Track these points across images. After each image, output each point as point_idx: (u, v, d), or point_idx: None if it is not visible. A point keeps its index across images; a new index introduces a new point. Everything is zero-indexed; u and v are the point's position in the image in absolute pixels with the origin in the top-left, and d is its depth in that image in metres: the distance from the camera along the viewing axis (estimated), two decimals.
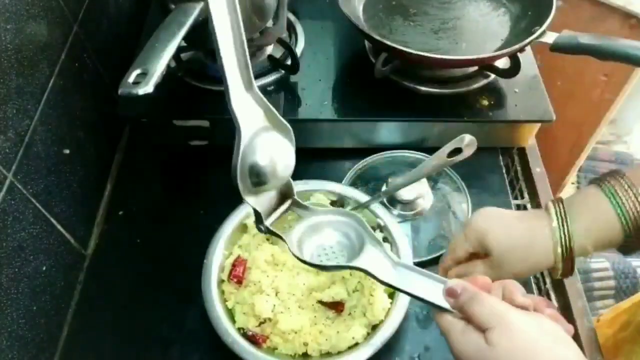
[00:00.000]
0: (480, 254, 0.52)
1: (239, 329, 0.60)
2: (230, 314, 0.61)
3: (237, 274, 0.63)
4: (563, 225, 0.47)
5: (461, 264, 0.54)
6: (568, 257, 0.47)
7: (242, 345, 0.57)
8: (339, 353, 0.58)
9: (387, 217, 0.67)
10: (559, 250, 0.47)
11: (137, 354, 0.65)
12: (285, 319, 0.58)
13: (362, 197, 0.69)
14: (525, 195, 0.82)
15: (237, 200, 0.77)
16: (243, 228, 0.68)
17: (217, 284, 0.63)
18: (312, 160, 0.81)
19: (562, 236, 0.47)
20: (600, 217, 0.46)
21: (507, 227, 0.50)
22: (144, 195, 0.80)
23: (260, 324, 0.60)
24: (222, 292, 0.63)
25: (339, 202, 0.71)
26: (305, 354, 0.60)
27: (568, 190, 1.92)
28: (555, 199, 0.50)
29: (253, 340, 0.59)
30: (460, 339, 0.39)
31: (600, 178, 0.48)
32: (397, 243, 0.64)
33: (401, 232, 0.66)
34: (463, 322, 0.39)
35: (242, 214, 0.68)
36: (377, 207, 0.68)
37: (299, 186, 0.65)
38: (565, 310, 0.71)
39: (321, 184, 0.71)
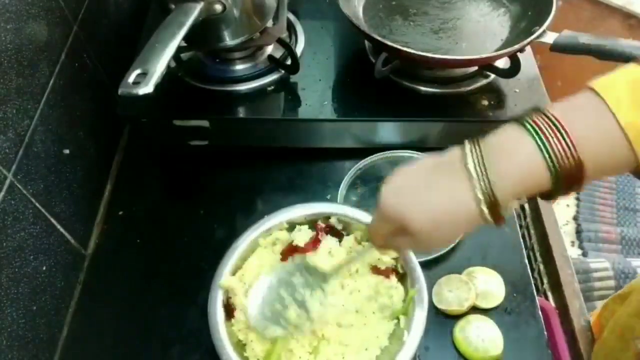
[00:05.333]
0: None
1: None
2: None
3: None
4: (483, 182, 0.41)
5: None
6: (494, 212, 0.42)
7: None
8: None
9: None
10: (485, 209, 0.42)
11: (137, 354, 0.65)
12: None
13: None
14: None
15: (236, 200, 0.78)
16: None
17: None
18: (312, 160, 0.81)
19: (485, 194, 0.41)
20: (524, 162, 0.41)
21: (426, 205, 0.44)
22: (144, 195, 0.80)
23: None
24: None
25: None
26: None
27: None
28: (472, 143, 0.43)
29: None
30: None
31: (521, 116, 0.43)
32: None
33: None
34: None
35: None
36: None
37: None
38: (563, 310, 0.71)
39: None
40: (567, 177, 0.40)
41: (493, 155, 0.42)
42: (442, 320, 0.66)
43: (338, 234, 0.64)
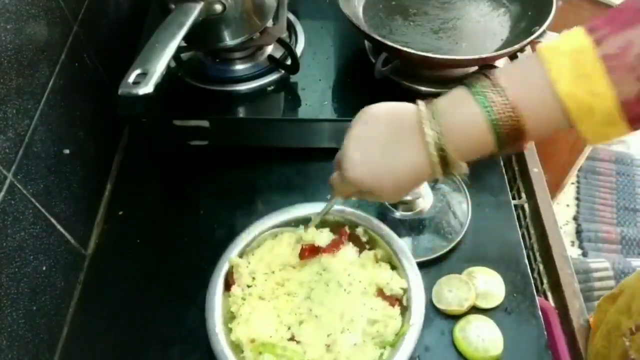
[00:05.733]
0: None
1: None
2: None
3: None
4: (438, 141, 0.45)
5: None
6: (446, 169, 0.46)
7: None
8: None
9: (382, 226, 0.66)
10: (437, 168, 0.46)
11: (137, 354, 0.65)
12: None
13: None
14: (523, 195, 0.82)
15: (236, 200, 0.78)
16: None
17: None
18: (312, 160, 0.81)
19: (439, 153, 0.45)
20: (469, 120, 0.44)
21: (391, 175, 0.48)
22: (144, 195, 0.80)
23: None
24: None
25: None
26: None
27: (568, 190, 1.93)
28: (425, 102, 0.47)
29: None
30: None
31: (470, 77, 0.45)
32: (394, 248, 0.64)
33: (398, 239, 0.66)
34: None
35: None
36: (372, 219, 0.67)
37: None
38: (562, 310, 0.71)
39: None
40: (509, 137, 0.44)
41: (444, 116, 0.45)
42: (442, 320, 0.66)
43: (361, 245, 0.65)
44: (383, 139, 0.48)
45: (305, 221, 0.66)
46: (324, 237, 0.63)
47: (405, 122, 0.47)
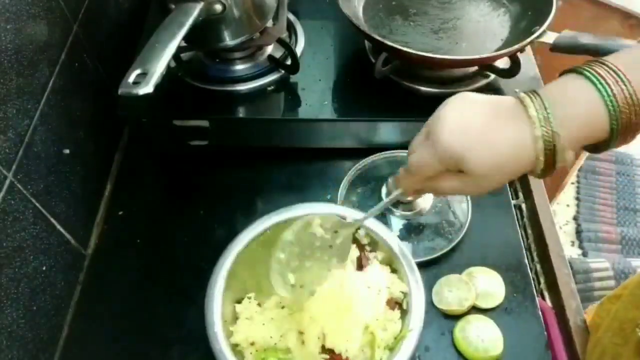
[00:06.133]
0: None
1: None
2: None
3: None
4: (546, 130, 0.41)
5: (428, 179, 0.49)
6: (550, 163, 0.42)
7: None
8: None
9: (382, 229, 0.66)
10: (542, 158, 0.42)
11: (137, 354, 0.65)
12: None
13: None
14: (521, 195, 0.82)
15: (236, 200, 0.78)
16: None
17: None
18: (312, 160, 0.81)
19: (546, 138, 0.41)
20: (586, 110, 0.41)
21: (493, 149, 0.43)
22: (144, 195, 0.80)
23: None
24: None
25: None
26: None
27: (568, 190, 1.93)
28: (529, 92, 0.43)
29: None
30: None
31: (579, 66, 0.42)
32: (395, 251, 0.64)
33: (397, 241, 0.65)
34: None
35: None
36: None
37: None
38: (559, 310, 0.71)
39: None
40: (626, 125, 0.41)
41: (555, 104, 0.41)
42: (442, 320, 0.66)
43: (361, 247, 0.64)
44: (486, 111, 0.44)
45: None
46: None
47: (510, 104, 0.44)
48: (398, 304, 0.61)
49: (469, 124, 0.44)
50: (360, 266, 0.62)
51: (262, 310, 0.61)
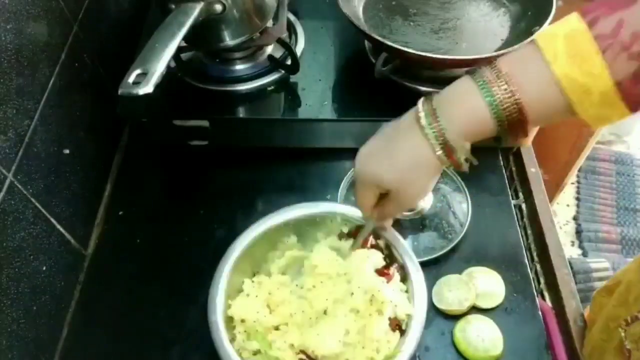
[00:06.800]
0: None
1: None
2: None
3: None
4: (435, 128, 0.46)
5: (376, 207, 0.55)
6: (450, 155, 0.47)
7: None
8: None
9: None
10: (440, 153, 0.47)
11: (137, 354, 0.65)
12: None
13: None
14: (520, 195, 0.82)
15: (236, 200, 0.78)
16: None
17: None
18: (312, 160, 0.81)
19: (436, 134, 0.47)
20: (471, 107, 0.46)
21: (393, 164, 0.50)
22: (144, 195, 0.80)
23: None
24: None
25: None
26: None
27: (568, 190, 1.93)
28: (425, 98, 0.49)
29: None
30: None
31: (474, 69, 0.47)
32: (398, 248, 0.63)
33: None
34: None
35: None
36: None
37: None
38: (559, 310, 0.71)
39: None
40: (510, 122, 0.45)
41: (444, 104, 0.47)
42: (442, 320, 0.66)
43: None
44: (386, 135, 0.51)
45: (305, 220, 0.65)
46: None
47: (405, 120, 0.50)
48: (398, 326, 0.59)
49: (373, 149, 0.52)
50: (382, 274, 0.61)
51: (260, 286, 0.61)
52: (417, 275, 0.59)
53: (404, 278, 0.61)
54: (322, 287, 0.59)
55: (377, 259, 0.61)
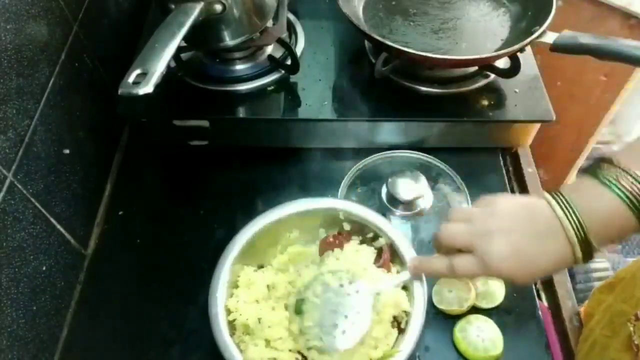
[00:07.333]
0: None
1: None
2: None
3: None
4: (582, 245, 0.45)
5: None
6: (587, 257, 0.46)
7: None
8: None
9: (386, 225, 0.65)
10: (580, 256, 0.46)
11: (137, 354, 0.65)
12: None
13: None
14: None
15: (236, 200, 0.78)
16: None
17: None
18: (312, 160, 0.81)
19: (583, 255, 0.46)
20: (618, 224, 0.45)
21: (537, 270, 0.49)
22: (144, 195, 0.80)
23: None
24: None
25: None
26: None
27: None
28: (561, 201, 0.47)
29: None
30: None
31: (592, 167, 0.46)
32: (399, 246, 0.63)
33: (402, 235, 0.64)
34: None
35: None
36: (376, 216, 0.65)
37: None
38: (555, 310, 0.71)
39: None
40: None
41: (582, 212, 0.45)
42: (442, 320, 0.66)
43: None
44: (528, 233, 0.48)
45: (305, 216, 0.65)
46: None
47: (542, 216, 0.48)
48: (398, 323, 0.59)
49: (521, 253, 0.48)
50: (385, 266, 0.62)
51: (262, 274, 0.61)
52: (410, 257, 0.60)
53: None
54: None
55: (368, 254, 0.62)
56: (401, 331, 0.58)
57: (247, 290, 0.60)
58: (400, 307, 0.58)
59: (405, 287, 0.60)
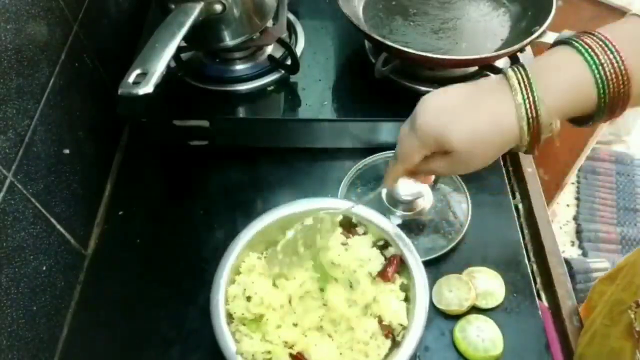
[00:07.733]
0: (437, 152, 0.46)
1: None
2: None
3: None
4: (528, 96, 0.40)
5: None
6: (535, 133, 0.42)
7: None
8: None
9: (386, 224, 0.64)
10: (525, 126, 0.41)
11: (137, 354, 0.65)
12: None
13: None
14: (517, 195, 0.82)
15: (236, 200, 0.78)
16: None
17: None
18: (312, 160, 0.81)
19: (528, 109, 0.41)
20: (572, 77, 0.40)
21: (470, 124, 0.43)
22: (144, 195, 0.80)
23: None
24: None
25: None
26: None
27: (568, 190, 1.93)
28: (515, 66, 0.42)
29: None
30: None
31: (569, 37, 0.42)
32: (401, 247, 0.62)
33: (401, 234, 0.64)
34: None
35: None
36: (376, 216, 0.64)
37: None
38: (555, 310, 0.71)
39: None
40: (614, 96, 0.40)
41: (539, 72, 0.41)
42: (442, 320, 0.66)
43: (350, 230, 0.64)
44: (468, 89, 0.44)
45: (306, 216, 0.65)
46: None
47: (490, 81, 0.44)
48: (391, 335, 0.58)
49: (448, 102, 0.44)
50: (384, 277, 0.60)
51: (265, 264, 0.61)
52: (419, 273, 0.59)
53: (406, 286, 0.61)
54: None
55: (376, 263, 0.60)
56: (396, 344, 0.56)
57: (250, 275, 0.60)
58: (396, 319, 0.57)
59: (406, 299, 0.59)
